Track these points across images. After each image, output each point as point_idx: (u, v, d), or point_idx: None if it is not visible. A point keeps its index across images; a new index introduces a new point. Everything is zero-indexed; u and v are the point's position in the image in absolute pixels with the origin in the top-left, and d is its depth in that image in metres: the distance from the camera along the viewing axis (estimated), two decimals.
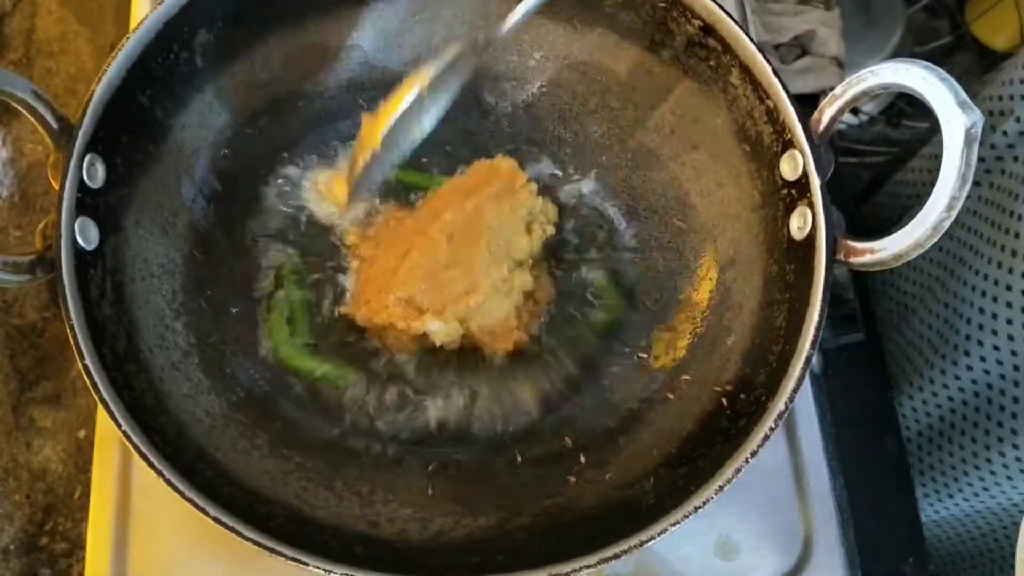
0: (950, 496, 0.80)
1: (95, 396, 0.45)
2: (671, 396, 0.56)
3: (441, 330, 0.58)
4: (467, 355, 0.60)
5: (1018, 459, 0.70)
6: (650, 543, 0.44)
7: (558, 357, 0.61)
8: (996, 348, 0.69)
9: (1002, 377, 0.70)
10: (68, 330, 0.46)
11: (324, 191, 0.64)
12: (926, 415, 0.80)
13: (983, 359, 0.70)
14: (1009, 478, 0.72)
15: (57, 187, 0.48)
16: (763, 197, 0.55)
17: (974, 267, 0.70)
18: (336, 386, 0.58)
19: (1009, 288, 0.66)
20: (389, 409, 0.58)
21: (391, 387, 0.59)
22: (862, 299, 0.81)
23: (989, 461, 0.73)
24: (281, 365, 0.58)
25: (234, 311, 0.59)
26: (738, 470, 0.45)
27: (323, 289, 0.61)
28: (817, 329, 0.47)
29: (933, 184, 0.45)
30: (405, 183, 0.64)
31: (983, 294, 0.69)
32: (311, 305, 0.60)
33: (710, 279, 0.59)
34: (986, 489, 0.75)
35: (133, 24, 0.63)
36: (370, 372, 0.59)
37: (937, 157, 0.49)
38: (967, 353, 0.72)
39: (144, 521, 0.55)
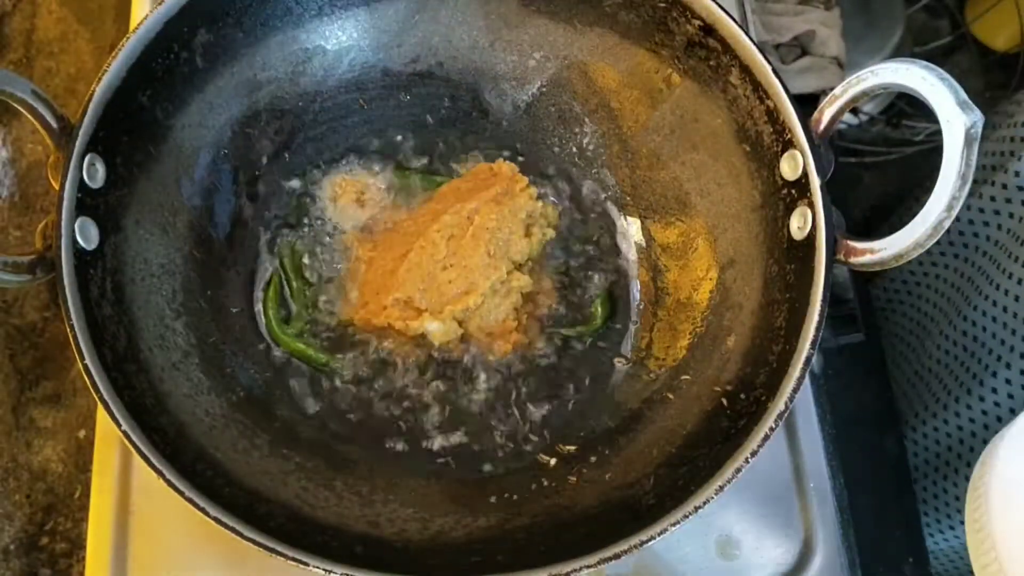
0: (951, 528, 0.79)
1: (95, 396, 0.45)
2: (671, 396, 0.56)
3: (439, 330, 0.58)
4: (465, 357, 0.60)
5: None
6: (650, 543, 0.44)
7: (557, 357, 0.61)
8: (1008, 382, 0.68)
9: (1011, 411, 0.69)
10: (68, 330, 0.46)
11: (327, 192, 0.64)
12: (935, 443, 0.79)
13: (995, 391, 0.70)
14: None
15: (57, 187, 0.48)
16: (763, 197, 0.55)
17: (991, 297, 0.69)
18: (328, 375, 0.58)
19: None
20: (388, 408, 0.58)
21: (389, 387, 0.59)
22: (862, 299, 0.81)
23: None
24: (279, 346, 0.58)
25: (234, 311, 0.59)
26: (738, 470, 0.45)
27: (322, 291, 0.61)
28: (817, 329, 0.47)
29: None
30: (405, 184, 0.64)
31: (1004, 325, 0.68)
32: (309, 306, 0.60)
33: (710, 279, 0.59)
34: None
35: (133, 24, 0.63)
36: (369, 372, 0.59)
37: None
38: (981, 383, 0.71)
39: (144, 521, 0.55)
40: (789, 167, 0.52)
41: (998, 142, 0.73)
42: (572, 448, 0.57)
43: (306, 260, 0.61)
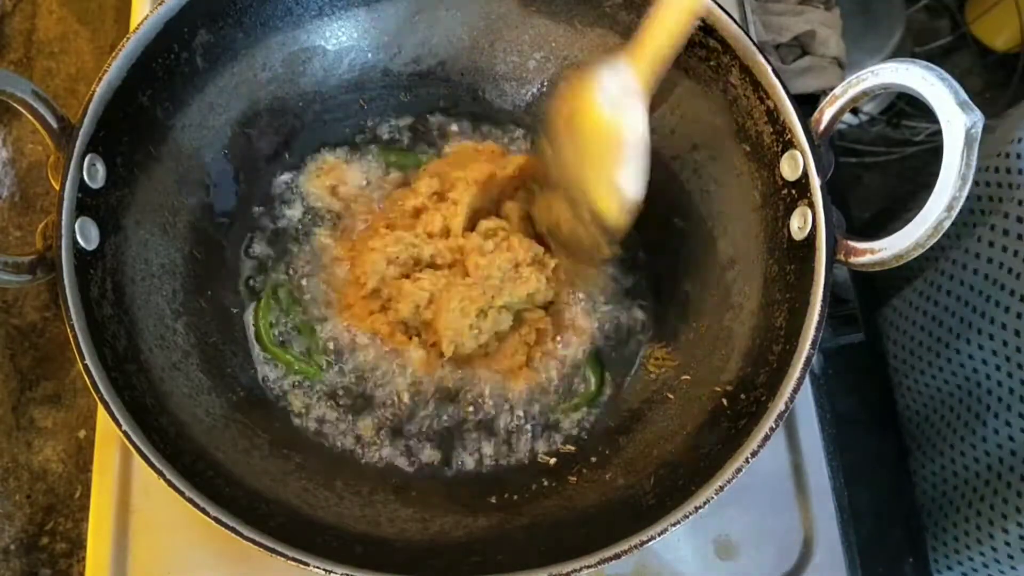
0: (959, 564, 0.78)
1: (95, 396, 0.45)
2: (671, 396, 0.56)
3: (419, 359, 0.58)
4: (463, 359, 0.60)
5: (1021, 537, 0.68)
6: (650, 543, 0.44)
7: (557, 359, 0.61)
8: (1008, 423, 0.68)
9: (1012, 453, 0.68)
10: (68, 330, 0.46)
11: (315, 185, 0.64)
12: (943, 481, 0.78)
13: (996, 432, 0.69)
14: (1010, 556, 0.70)
15: (57, 187, 0.48)
16: (763, 197, 0.55)
17: (985, 331, 0.69)
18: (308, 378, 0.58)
19: None
20: (386, 409, 0.58)
21: (388, 389, 0.59)
22: (862, 299, 0.80)
23: (992, 537, 0.71)
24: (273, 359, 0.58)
25: (234, 311, 0.59)
26: (738, 470, 0.45)
27: (312, 291, 0.61)
28: (817, 329, 0.47)
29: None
30: (391, 163, 0.64)
31: (1006, 359, 0.67)
32: (299, 306, 0.60)
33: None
34: (997, 561, 0.73)
35: (133, 24, 0.63)
36: (366, 375, 0.59)
37: None
38: (984, 423, 0.70)
39: (144, 521, 0.55)
40: (789, 167, 0.52)
41: (990, 174, 0.71)
42: (572, 448, 0.57)
43: (294, 272, 0.61)
